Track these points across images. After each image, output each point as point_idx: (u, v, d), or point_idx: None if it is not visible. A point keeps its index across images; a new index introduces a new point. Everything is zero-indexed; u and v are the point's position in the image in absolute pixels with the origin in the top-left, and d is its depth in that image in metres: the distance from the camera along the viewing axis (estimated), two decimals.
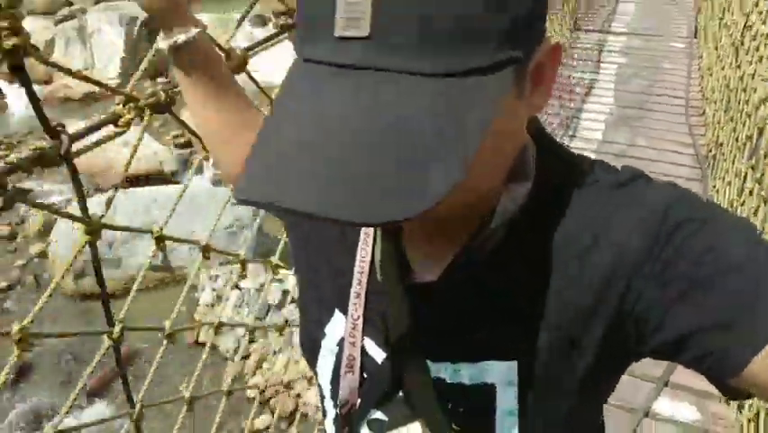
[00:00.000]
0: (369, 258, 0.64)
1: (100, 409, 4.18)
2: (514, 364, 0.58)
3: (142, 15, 8.35)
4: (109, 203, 0.88)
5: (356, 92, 0.43)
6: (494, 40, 0.43)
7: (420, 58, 0.42)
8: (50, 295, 0.79)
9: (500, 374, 0.58)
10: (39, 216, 5.73)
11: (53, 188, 6.32)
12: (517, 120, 0.52)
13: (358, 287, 0.64)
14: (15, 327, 0.74)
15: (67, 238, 5.07)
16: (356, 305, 0.64)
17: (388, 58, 0.42)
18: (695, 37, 5.49)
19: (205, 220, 4.62)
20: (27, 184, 6.27)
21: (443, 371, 0.60)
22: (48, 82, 8.02)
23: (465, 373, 0.59)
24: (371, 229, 0.63)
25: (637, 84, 4.60)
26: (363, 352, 0.64)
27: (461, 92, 0.43)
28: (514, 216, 0.57)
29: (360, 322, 0.64)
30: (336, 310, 0.66)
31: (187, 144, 7.04)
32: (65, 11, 9.33)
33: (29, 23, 8.97)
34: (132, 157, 0.87)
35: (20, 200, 0.68)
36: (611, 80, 4.67)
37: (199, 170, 6.31)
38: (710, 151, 3.48)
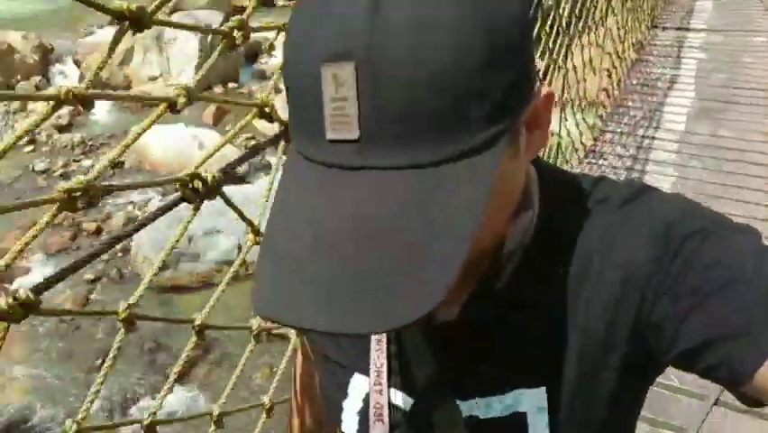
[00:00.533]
0: None
1: (181, 395, 4.34)
2: (542, 390, 0.58)
3: (216, 23, 8.67)
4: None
5: (349, 193, 0.44)
6: (481, 122, 0.44)
7: (409, 152, 0.43)
8: (151, 278, 0.87)
9: (530, 402, 0.59)
10: (122, 213, 6.02)
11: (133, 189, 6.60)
12: (517, 174, 0.52)
13: (378, 335, 0.63)
14: (122, 306, 0.81)
15: (149, 234, 5.29)
16: (378, 352, 0.64)
17: (377, 157, 0.43)
18: None
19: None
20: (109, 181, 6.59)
21: (474, 408, 0.60)
22: (127, 88, 8.41)
23: (497, 407, 0.59)
24: None
25: (718, 78, 4.53)
26: (389, 402, 0.64)
27: (455, 176, 0.43)
28: (523, 246, 0.57)
29: (384, 369, 0.63)
30: (356, 373, 0.66)
31: (259, 148, 7.23)
32: None
33: (108, 33, 9.44)
34: (206, 157, 0.89)
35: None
36: (692, 75, 4.62)
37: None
38: None
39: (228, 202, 0.94)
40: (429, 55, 0.41)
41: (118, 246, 5.77)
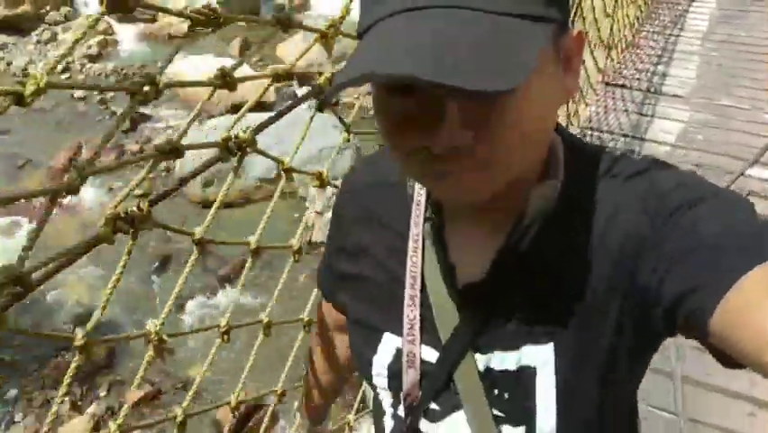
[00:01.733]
0: (419, 263, 0.69)
1: (232, 293, 4.73)
2: (551, 347, 0.63)
3: None
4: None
5: (432, 18, 0.48)
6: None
7: (478, 1, 0.48)
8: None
9: (539, 357, 0.63)
10: (164, 135, 6.32)
11: (168, 114, 6.89)
12: (555, 89, 0.56)
13: (411, 290, 0.68)
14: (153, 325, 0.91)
15: (190, 154, 5.59)
16: (411, 307, 0.68)
17: None
18: None
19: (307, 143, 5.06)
20: (144, 110, 6.86)
21: (492, 361, 0.65)
22: (153, 21, 8.58)
23: (511, 360, 0.64)
24: (420, 237, 0.69)
25: None
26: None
27: (517, 26, 0.49)
28: (547, 211, 0.62)
29: (417, 322, 0.68)
30: (386, 333, 0.71)
31: (293, 106, 7.47)
32: None
33: None
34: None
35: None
36: None
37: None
38: None
39: (262, 153, 1.04)
40: None
41: (162, 166, 6.09)
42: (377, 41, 0.50)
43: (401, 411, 0.71)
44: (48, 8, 8.50)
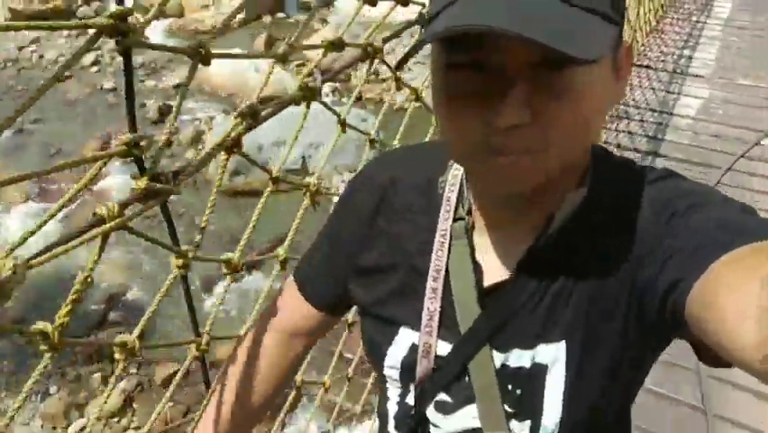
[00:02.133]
0: (445, 258, 0.70)
1: (257, 278, 4.83)
2: (563, 344, 0.65)
3: None
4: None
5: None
6: (608, 1, 0.55)
7: None
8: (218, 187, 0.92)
9: (552, 355, 0.65)
10: (191, 128, 6.47)
11: (195, 106, 7.03)
12: (608, 90, 0.59)
13: (434, 283, 0.70)
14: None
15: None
16: (432, 299, 0.70)
17: None
18: None
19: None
20: (170, 102, 7.00)
21: (509, 358, 0.67)
22: (180, 16, 8.75)
23: (526, 358, 0.66)
24: (447, 232, 0.71)
25: None
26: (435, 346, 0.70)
27: (593, 17, 0.53)
28: (573, 218, 0.65)
29: (436, 314, 0.69)
30: (402, 327, 0.73)
31: (309, 74, 7.59)
32: None
33: None
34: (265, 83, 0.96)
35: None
36: None
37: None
38: None
39: (248, 158, 0.97)
40: None
41: (189, 155, 6.25)
42: (458, 8, 0.53)
43: (410, 399, 0.74)
44: (79, 2, 8.70)
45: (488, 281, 0.68)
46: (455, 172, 0.73)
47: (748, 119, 3.50)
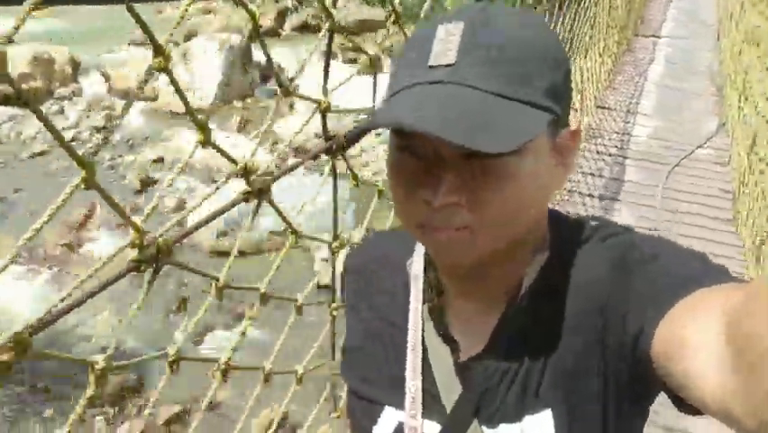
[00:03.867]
0: (419, 337, 0.71)
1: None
2: (548, 412, 0.65)
3: (236, 43, 9.62)
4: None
5: (446, 91, 0.58)
6: (540, 90, 0.59)
7: (488, 83, 0.57)
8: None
9: (539, 425, 0.65)
10: (175, 196, 6.81)
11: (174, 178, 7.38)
12: (546, 176, 0.62)
13: (413, 362, 0.70)
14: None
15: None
16: (413, 379, 0.70)
17: (466, 78, 0.57)
18: None
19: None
20: (154, 175, 7.34)
21: None
22: (155, 99, 9.21)
23: (515, 431, 0.66)
24: (420, 310, 0.72)
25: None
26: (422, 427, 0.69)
27: (520, 108, 0.58)
28: (536, 285, 0.67)
29: (419, 395, 0.69)
30: (386, 407, 0.73)
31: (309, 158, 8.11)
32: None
33: (127, 51, 10.28)
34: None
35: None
36: None
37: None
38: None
39: (273, 205, 1.06)
40: (519, 33, 0.60)
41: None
42: (400, 102, 0.59)
43: None
44: (57, 84, 9.08)
45: (464, 356, 0.69)
46: (421, 250, 0.76)
47: (684, 135, 5.03)
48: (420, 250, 0.75)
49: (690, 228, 3.68)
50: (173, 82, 0.78)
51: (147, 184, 7.04)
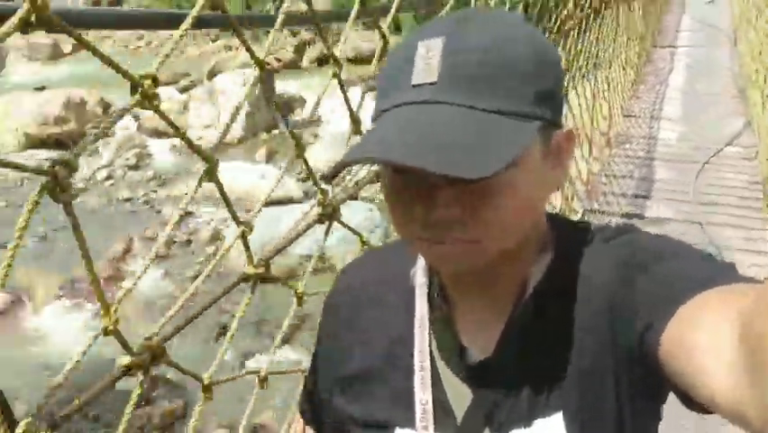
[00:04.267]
0: (427, 347, 0.69)
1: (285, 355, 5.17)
2: (560, 415, 0.64)
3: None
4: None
5: (430, 112, 0.57)
6: (526, 99, 0.58)
7: (471, 98, 0.57)
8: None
9: (550, 429, 0.64)
10: (210, 227, 6.99)
11: (207, 210, 7.58)
12: (540, 181, 0.62)
13: (421, 373, 0.68)
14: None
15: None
16: (422, 392, 0.68)
17: (451, 96, 0.57)
18: None
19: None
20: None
21: None
22: (185, 135, 9.48)
23: None
24: (426, 321, 0.70)
25: None
26: None
27: (504, 124, 0.57)
28: (542, 286, 0.66)
29: (429, 406, 0.67)
30: (397, 428, 0.70)
31: (308, 179, 8.29)
32: (186, 80, 11.04)
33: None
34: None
35: None
36: None
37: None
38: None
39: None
40: (500, 43, 0.58)
41: (208, 251, 6.70)
42: (383, 129, 0.59)
43: None
44: (90, 126, 9.41)
45: (473, 361, 0.68)
46: (423, 260, 0.74)
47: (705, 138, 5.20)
48: (422, 259, 0.74)
49: (724, 217, 3.89)
50: (163, 117, 0.77)
51: (183, 216, 7.23)
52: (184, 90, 10.72)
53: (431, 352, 0.70)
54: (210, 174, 0.82)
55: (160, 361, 0.76)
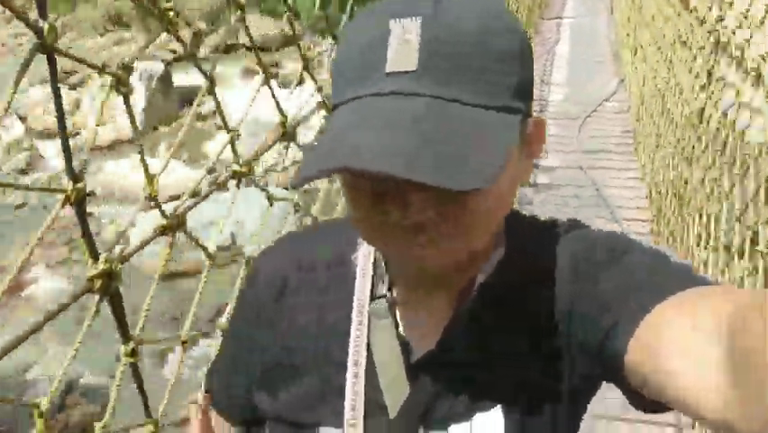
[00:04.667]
0: (365, 338, 0.66)
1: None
2: (498, 409, 0.63)
3: (158, 72, 9.61)
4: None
5: (410, 108, 0.51)
6: (506, 91, 0.54)
7: (453, 90, 0.52)
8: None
9: (490, 423, 0.63)
10: (113, 226, 6.77)
11: (108, 210, 7.32)
12: (516, 175, 0.59)
13: (355, 367, 0.65)
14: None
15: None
16: (355, 386, 0.65)
17: (432, 88, 0.52)
18: None
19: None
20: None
21: None
22: (76, 135, 9.07)
23: (464, 430, 0.64)
24: (365, 313, 0.66)
25: None
26: None
27: (489, 120, 0.53)
28: (490, 282, 0.64)
29: (361, 403, 0.64)
30: (321, 428, 0.66)
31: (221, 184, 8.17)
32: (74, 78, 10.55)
33: (38, 91, 10.06)
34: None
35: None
36: None
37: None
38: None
39: (190, 235, 1.09)
40: (485, 29, 0.54)
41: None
42: (354, 128, 0.52)
43: None
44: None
45: (415, 356, 0.65)
46: (368, 248, 0.69)
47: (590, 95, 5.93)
48: (365, 245, 0.69)
49: (603, 162, 4.68)
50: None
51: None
52: (73, 88, 10.23)
53: (368, 345, 0.66)
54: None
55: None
